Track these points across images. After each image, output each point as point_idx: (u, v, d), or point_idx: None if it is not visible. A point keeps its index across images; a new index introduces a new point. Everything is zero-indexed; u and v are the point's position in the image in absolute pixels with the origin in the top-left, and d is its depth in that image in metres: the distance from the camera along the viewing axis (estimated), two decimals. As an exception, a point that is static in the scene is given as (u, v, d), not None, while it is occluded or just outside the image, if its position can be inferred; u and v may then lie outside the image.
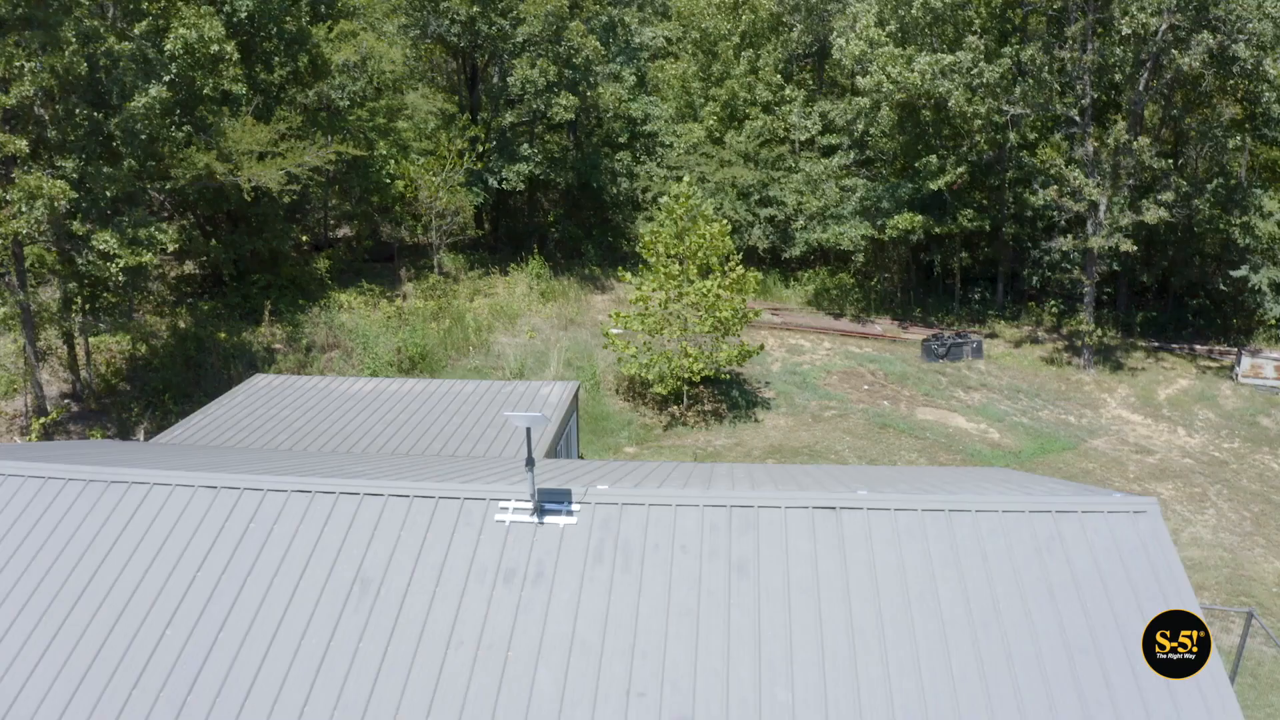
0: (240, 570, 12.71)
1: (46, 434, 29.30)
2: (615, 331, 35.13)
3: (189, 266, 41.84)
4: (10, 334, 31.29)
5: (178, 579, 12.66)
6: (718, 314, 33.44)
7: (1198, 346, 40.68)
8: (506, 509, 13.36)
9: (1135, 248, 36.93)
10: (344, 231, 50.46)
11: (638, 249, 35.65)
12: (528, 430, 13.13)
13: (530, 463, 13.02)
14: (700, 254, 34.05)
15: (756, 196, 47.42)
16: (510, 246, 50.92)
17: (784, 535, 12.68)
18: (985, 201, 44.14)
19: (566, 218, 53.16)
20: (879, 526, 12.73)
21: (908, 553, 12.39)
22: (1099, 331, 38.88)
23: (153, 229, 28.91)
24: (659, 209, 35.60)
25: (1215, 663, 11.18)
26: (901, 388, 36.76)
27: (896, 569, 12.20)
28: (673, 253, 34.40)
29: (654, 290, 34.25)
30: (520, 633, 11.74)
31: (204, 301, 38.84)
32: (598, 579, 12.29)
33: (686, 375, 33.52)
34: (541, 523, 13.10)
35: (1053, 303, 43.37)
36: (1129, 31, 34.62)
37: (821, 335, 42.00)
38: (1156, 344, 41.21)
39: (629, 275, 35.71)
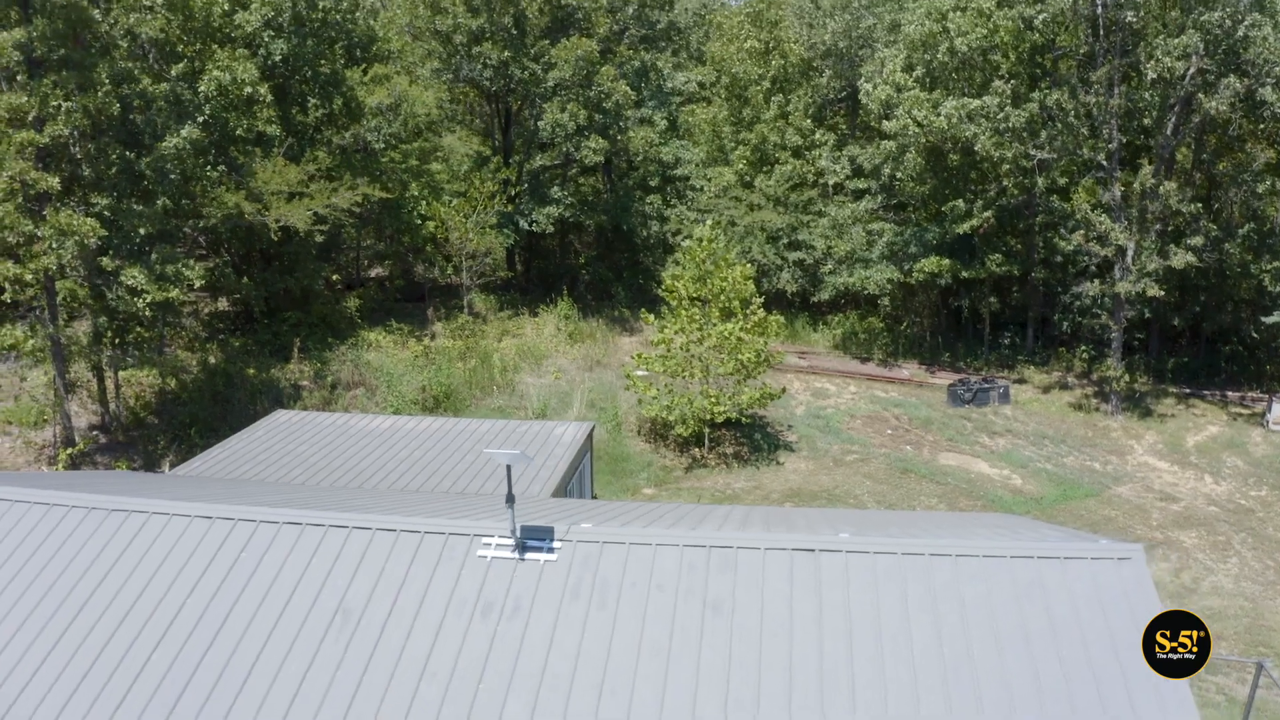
0: (229, 597, 12.96)
1: (73, 464, 29.91)
2: (640, 374, 35.29)
3: (222, 303, 42.67)
4: (41, 366, 32.05)
5: (169, 603, 12.96)
6: (739, 356, 33.51)
7: (1229, 393, 40.05)
8: (490, 545, 13.49)
9: (1162, 293, 36.57)
10: (377, 271, 51.24)
11: (659, 291, 35.84)
12: (508, 467, 13.30)
13: (510, 499, 13.16)
14: (722, 297, 34.20)
15: (786, 240, 47.57)
16: (542, 287, 51.40)
17: (761, 576, 12.69)
18: (1017, 246, 43.96)
19: (598, 260, 53.65)
20: (857, 569, 12.70)
21: (884, 596, 12.34)
22: (1127, 377, 38.41)
23: (180, 265, 29.59)
24: (682, 252, 35.84)
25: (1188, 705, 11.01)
26: (925, 433, 36.51)
27: (871, 611, 12.15)
28: (695, 295, 34.60)
29: (676, 333, 34.42)
30: (493, 665, 11.83)
31: (235, 338, 39.57)
32: (573, 615, 12.36)
33: (707, 417, 33.57)
34: (523, 559, 13.21)
35: (1083, 348, 42.94)
36: (1154, 76, 34.51)
37: (847, 379, 41.88)
38: (1188, 390, 40.62)
39: (651, 317, 35.93)
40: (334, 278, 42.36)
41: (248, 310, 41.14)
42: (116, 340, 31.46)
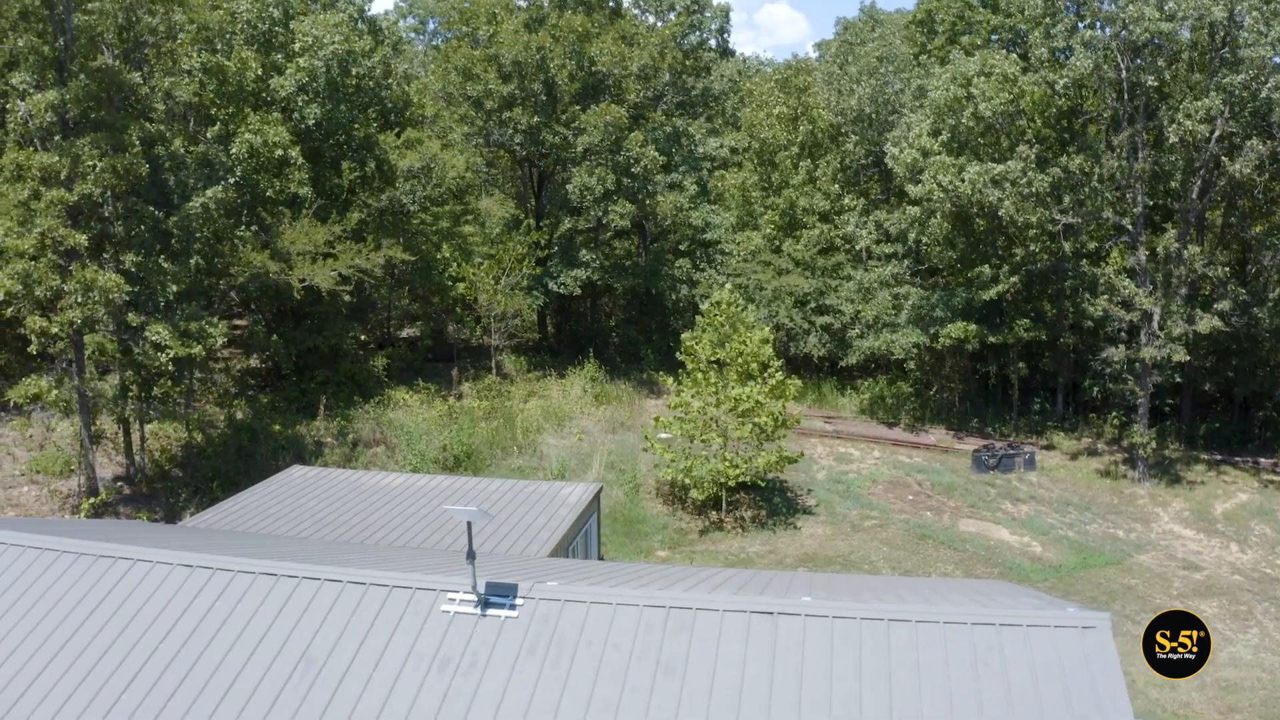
0: (201, 641, 13.27)
1: (96, 514, 30.47)
2: (663, 436, 35.33)
3: (254, 360, 43.48)
4: (69, 416, 32.84)
5: (144, 646, 13.32)
6: (755, 420, 33.46)
7: (1262, 460, 39.13)
8: (454, 600, 13.59)
9: (1188, 358, 36.04)
10: (410, 331, 51.98)
11: (678, 354, 36.03)
12: (469, 524, 13.46)
13: (471, 555, 13.30)
14: (740, 360, 34.27)
15: (813, 304, 47.61)
16: (572, 349, 51.78)
17: (717, 638, 12.64)
18: (1049, 310, 43.62)
19: (628, 322, 54.01)
20: (814, 633, 12.60)
21: (839, 660, 12.22)
22: (1152, 443, 37.71)
23: (204, 323, 30.31)
24: (702, 314, 36.05)
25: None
26: (947, 499, 36.08)
27: (824, 676, 12.03)
28: (714, 358, 34.71)
29: (693, 395, 34.51)
30: (443, 718, 11.87)
31: (264, 394, 40.27)
32: (527, 671, 12.38)
33: (723, 481, 33.48)
34: (484, 615, 13.28)
35: (1114, 415, 42.26)
36: (1176, 139, 34.39)
37: (872, 444, 41.57)
38: (1219, 456, 39.77)
39: (670, 380, 36.05)
40: (362, 337, 42.98)
41: (278, 367, 41.89)
42: (142, 394, 32.17)
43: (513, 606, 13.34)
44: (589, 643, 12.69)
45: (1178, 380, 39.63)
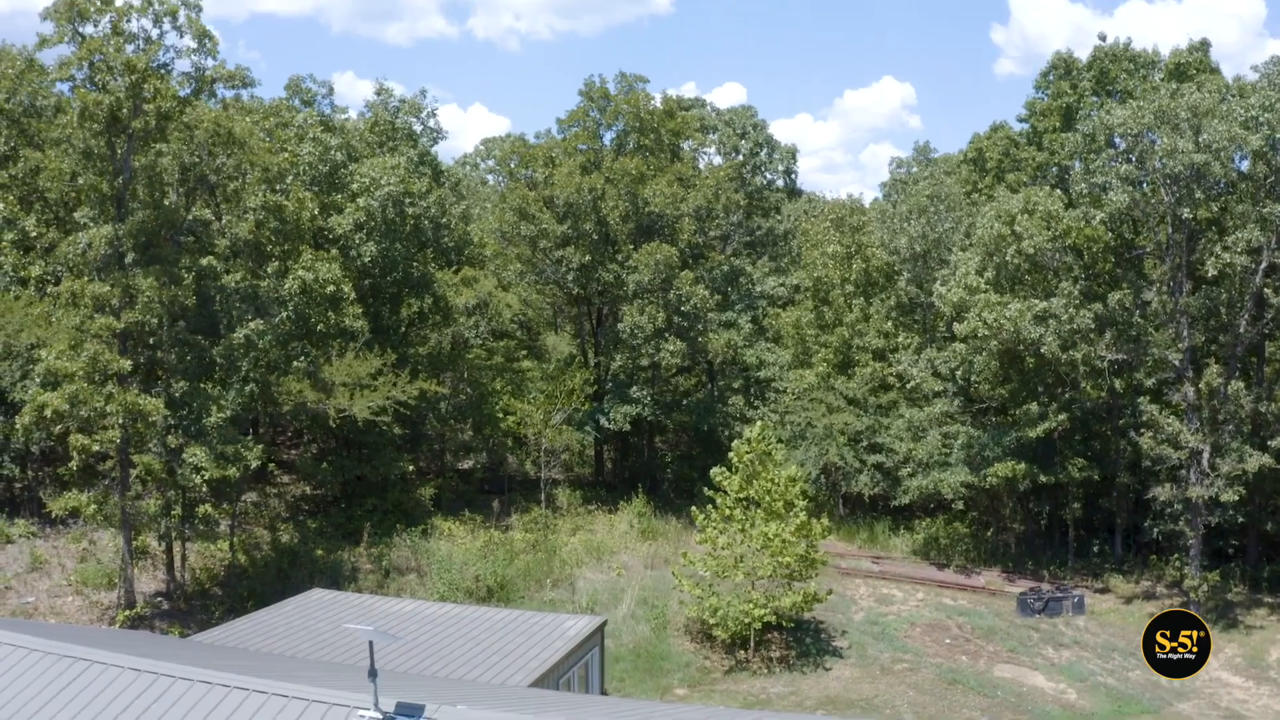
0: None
1: (132, 626, 31.31)
2: (703, 574, 35.01)
3: (308, 487, 44.67)
4: (113, 531, 34.12)
5: None
6: (780, 559, 32.96)
7: (1330, 605, 36.78)
8: (363, 716, 13.65)
9: (1237, 497, 34.48)
10: (467, 463, 52.85)
11: (707, 490, 35.90)
12: (370, 643, 13.66)
13: (373, 674, 13.44)
14: (767, 498, 34.00)
15: (865, 442, 47.06)
16: (628, 483, 51.89)
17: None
18: (1106, 449, 42.30)
19: (684, 458, 54.03)
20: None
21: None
22: (1205, 586, 35.77)
23: (239, 446, 31.46)
24: (733, 450, 35.94)
25: None
26: (986, 643, 34.65)
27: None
28: (742, 495, 34.52)
29: (720, 532, 34.27)
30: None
31: (312, 520, 41.23)
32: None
33: (747, 620, 32.85)
34: (386, 730, 13.32)
35: (1175, 557, 40.30)
36: (1215, 272, 33.75)
37: (917, 585, 40.35)
38: (1286, 600, 37.54)
39: (700, 515, 35.83)
40: (410, 468, 43.89)
41: (330, 494, 42.96)
42: (185, 514, 33.29)
43: (415, 725, 13.34)
44: (476, 762, 12.58)
45: (1240, 520, 37.82)
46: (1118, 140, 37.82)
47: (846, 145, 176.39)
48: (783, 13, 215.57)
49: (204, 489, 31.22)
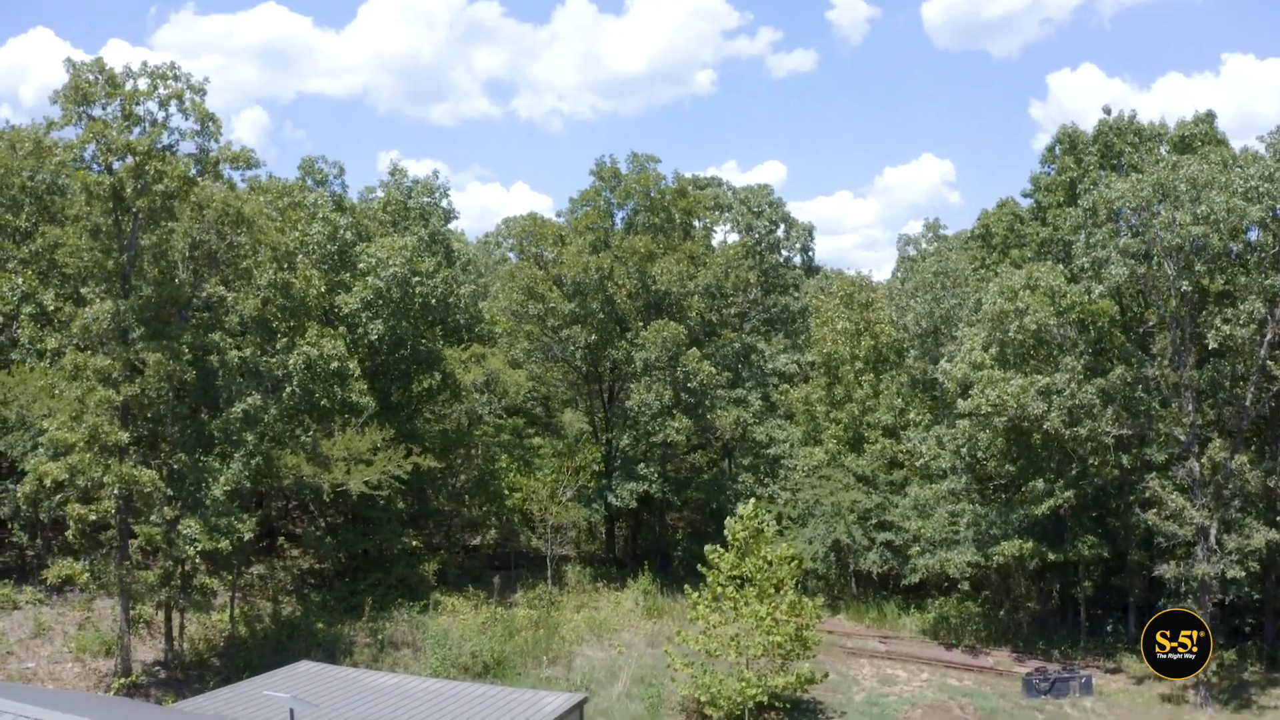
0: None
1: (127, 694, 31.44)
2: (698, 653, 34.63)
3: (314, 560, 44.89)
4: (111, 599, 34.44)
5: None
6: (770, 638, 32.56)
7: (1352, 687, 35.42)
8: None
9: (1243, 573, 33.62)
10: (475, 540, 52.89)
11: (700, 568, 35.67)
12: (291, 710, 13.74)
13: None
14: (759, 576, 33.72)
15: (874, 520, 46.58)
16: (638, 560, 51.61)
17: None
18: (1118, 526, 41.49)
19: (694, 536, 53.68)
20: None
21: None
22: (1214, 665, 34.67)
23: (232, 518, 31.81)
24: (726, 529, 35.72)
25: None
26: (987, 726, 33.78)
27: None
28: (734, 574, 34.26)
29: (711, 610, 33.98)
30: None
31: (316, 593, 41.37)
32: None
33: (741, 699, 32.34)
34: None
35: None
36: (1215, 345, 33.40)
37: (922, 666, 39.53)
38: (1306, 681, 36.23)
39: (694, 594, 35.54)
40: (414, 542, 44.05)
41: (335, 567, 43.12)
42: (183, 584, 33.58)
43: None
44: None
45: (1256, 598, 36.83)
46: (1123, 213, 37.77)
47: (886, 222, 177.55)
48: (822, 92, 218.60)
49: (198, 560, 31.50)
